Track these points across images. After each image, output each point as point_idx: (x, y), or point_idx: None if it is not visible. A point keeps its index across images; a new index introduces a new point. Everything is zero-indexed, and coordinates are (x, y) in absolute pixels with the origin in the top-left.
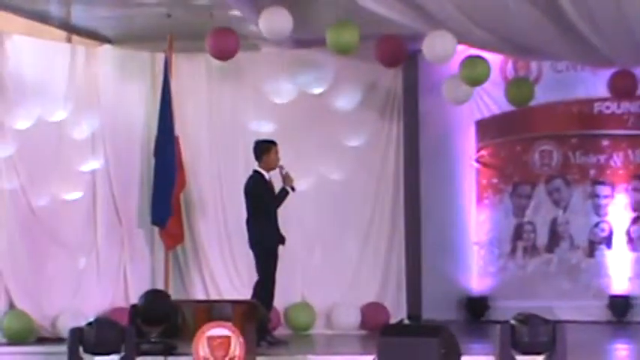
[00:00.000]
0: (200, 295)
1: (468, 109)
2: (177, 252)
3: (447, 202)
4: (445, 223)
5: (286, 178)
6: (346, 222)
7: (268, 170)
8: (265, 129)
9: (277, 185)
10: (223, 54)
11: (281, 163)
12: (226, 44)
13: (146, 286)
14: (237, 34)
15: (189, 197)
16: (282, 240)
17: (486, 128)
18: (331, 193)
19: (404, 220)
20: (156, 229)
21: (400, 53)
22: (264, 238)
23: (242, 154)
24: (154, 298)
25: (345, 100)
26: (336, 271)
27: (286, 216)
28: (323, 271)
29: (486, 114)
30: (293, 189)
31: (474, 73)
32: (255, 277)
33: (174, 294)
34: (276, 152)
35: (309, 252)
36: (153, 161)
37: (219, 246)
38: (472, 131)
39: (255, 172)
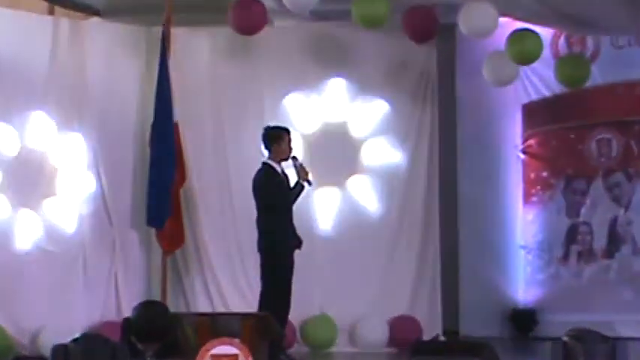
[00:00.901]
0: (203, 307)
1: (514, 92)
2: (176, 257)
3: (489, 199)
4: (487, 223)
5: (301, 171)
6: (372, 223)
7: (280, 162)
8: (279, 115)
9: (291, 179)
10: (249, 27)
11: (294, 154)
12: (253, 16)
13: (141, 297)
14: (264, 5)
15: (191, 194)
16: (297, 243)
17: (534, 113)
18: (354, 190)
19: (439, 220)
20: (152, 230)
21: (431, 26)
22: (276, 240)
23: (252, 144)
24: (150, 310)
25: (371, 82)
26: (360, 280)
27: (302, 216)
28: (345, 280)
29: (535, 97)
30: (309, 183)
31: (523, 50)
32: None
33: (173, 306)
34: (290, 141)
35: (329, 257)
36: (148, 152)
37: (226, 250)
38: (518, 117)
39: (265, 164)
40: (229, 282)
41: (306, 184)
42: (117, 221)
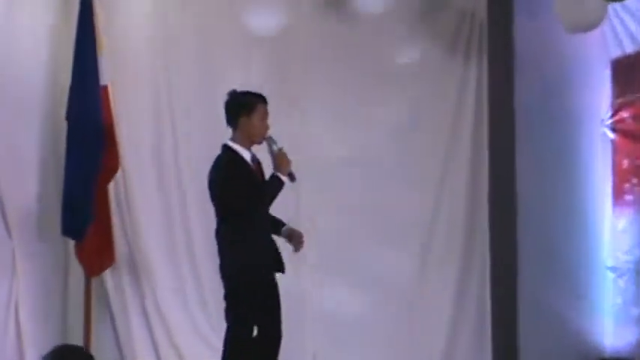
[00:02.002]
0: (144, 353)
1: (598, 43)
2: (105, 281)
3: (561, 198)
4: (558, 233)
5: (279, 159)
6: (390, 232)
7: (249, 145)
8: (255, 71)
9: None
10: None
11: (270, 133)
12: None
13: (53, 340)
14: None
15: (126, 189)
16: (277, 264)
17: (630, 73)
18: (366, 182)
19: (488, 227)
20: (70, 243)
21: None
22: (245, 261)
23: (213, 117)
24: (66, 357)
25: (397, 26)
26: (372, 316)
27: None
28: (350, 317)
29: (629, 50)
30: (292, 177)
31: None
32: None
33: (100, 351)
34: (265, 114)
35: (327, 284)
36: (64, 130)
37: (177, 271)
38: (605, 78)
39: (227, 148)
40: (182, 318)
41: (286, 178)
42: (17, 232)
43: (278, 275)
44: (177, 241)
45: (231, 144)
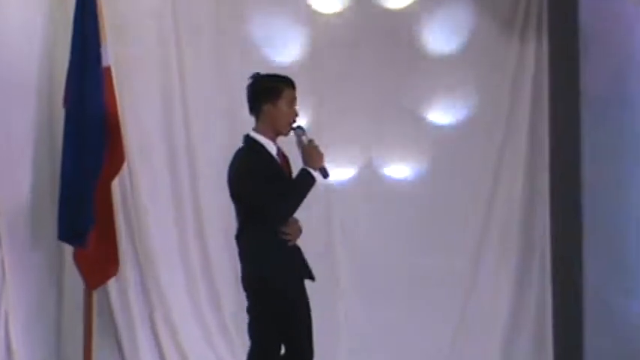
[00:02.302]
0: None
1: None
2: (108, 291)
3: (631, 190)
4: (626, 228)
5: (310, 152)
6: (439, 230)
7: (275, 136)
8: (284, 60)
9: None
10: None
11: (299, 123)
12: None
13: (48, 357)
14: None
15: (132, 188)
16: (306, 272)
17: None
18: (412, 176)
19: (550, 234)
20: (67, 250)
21: None
22: (271, 268)
23: (235, 104)
24: None
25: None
26: (413, 324)
27: (316, 224)
28: (390, 325)
29: None
30: (324, 173)
31: None
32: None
33: None
34: (292, 100)
35: (363, 297)
36: (61, 119)
37: (190, 281)
38: None
39: (250, 140)
40: (196, 335)
41: (318, 173)
42: (8, 237)
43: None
44: (191, 246)
45: (254, 135)
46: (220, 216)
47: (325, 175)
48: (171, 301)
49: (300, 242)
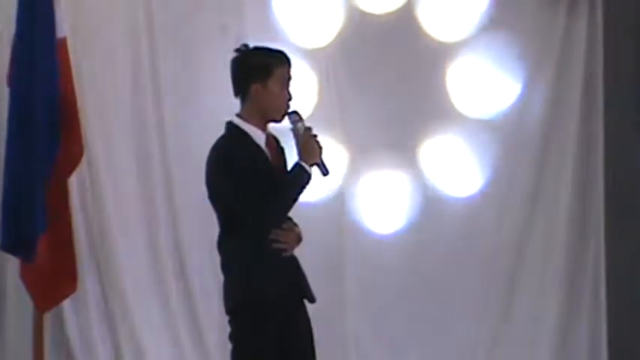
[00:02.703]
0: None
1: None
2: (62, 313)
3: None
4: None
5: (306, 143)
6: (467, 255)
7: (264, 123)
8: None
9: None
10: None
11: (294, 108)
12: None
13: None
14: None
15: (93, 186)
16: (304, 291)
17: None
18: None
19: (603, 227)
20: (11, 262)
21: None
22: (252, 285)
23: (217, 83)
24: None
25: None
26: (444, 344)
27: (320, 230)
28: (415, 347)
29: None
30: (324, 169)
31: None
32: None
33: None
34: (285, 80)
35: (375, 317)
36: (4, 101)
37: (163, 299)
38: None
39: (232, 127)
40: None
41: (316, 168)
42: None
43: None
44: (164, 257)
45: (238, 121)
46: (200, 217)
47: (325, 171)
48: (141, 325)
49: (299, 253)
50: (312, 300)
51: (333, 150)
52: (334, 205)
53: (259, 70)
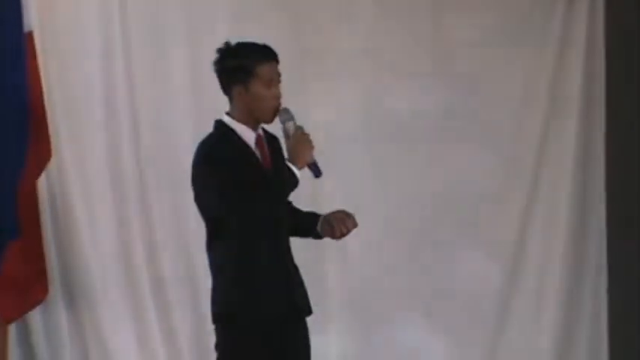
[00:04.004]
0: None
1: None
2: (28, 323)
3: None
4: None
5: (297, 144)
6: (468, 232)
7: (254, 123)
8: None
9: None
10: None
11: (284, 105)
12: None
13: None
14: None
15: (62, 189)
16: (293, 305)
17: None
18: (434, 165)
19: (606, 228)
20: None
21: None
22: (239, 294)
23: (199, 77)
24: None
25: None
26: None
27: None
28: None
29: None
30: (316, 170)
31: None
32: None
33: None
34: (270, 78)
35: (360, 326)
36: None
37: (138, 309)
38: None
39: (220, 125)
40: None
41: (312, 170)
42: None
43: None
44: (137, 264)
45: (227, 120)
46: (175, 224)
47: (317, 173)
48: (113, 335)
49: None
50: (308, 312)
51: None
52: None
53: (239, 72)
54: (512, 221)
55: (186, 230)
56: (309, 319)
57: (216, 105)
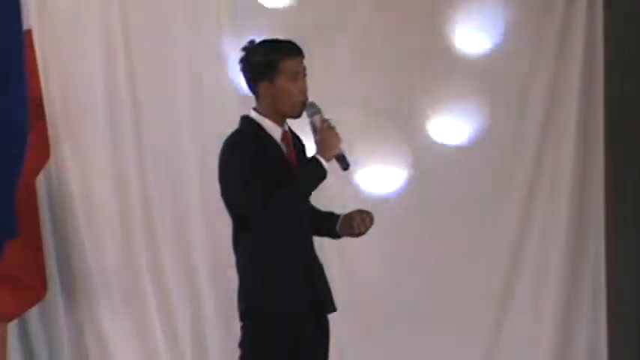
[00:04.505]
0: None
1: None
2: (28, 324)
3: None
4: None
5: (324, 136)
6: (465, 236)
7: (281, 118)
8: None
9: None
10: None
11: (312, 99)
12: None
13: None
14: None
15: (60, 187)
16: (317, 301)
17: None
18: (427, 183)
19: (604, 232)
20: None
21: None
22: (266, 291)
23: (202, 71)
24: None
25: None
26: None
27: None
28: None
29: None
30: (344, 163)
31: None
32: None
33: None
34: (296, 73)
35: (364, 328)
36: None
37: (140, 309)
38: None
39: (247, 121)
40: None
41: (340, 162)
42: None
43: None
44: (138, 261)
45: (254, 115)
46: (177, 222)
47: (345, 165)
48: (111, 336)
49: None
50: (332, 309)
51: None
52: None
53: (264, 68)
54: (510, 221)
55: (188, 229)
56: None
57: (216, 104)
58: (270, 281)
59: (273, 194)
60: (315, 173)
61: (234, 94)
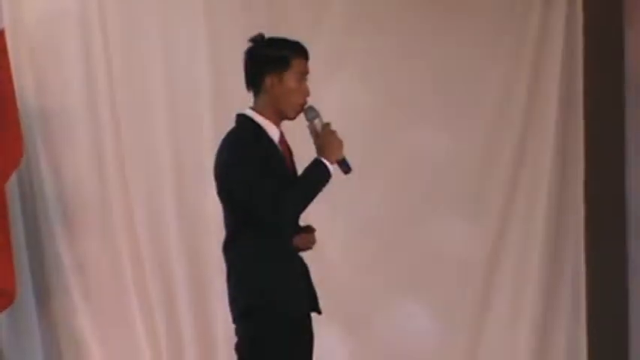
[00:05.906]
0: None
1: None
2: None
3: None
4: None
5: (326, 139)
6: (440, 239)
7: (279, 119)
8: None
9: (305, 157)
10: None
11: (310, 103)
12: None
13: None
14: None
15: (35, 190)
16: (313, 302)
17: None
18: (402, 184)
19: (584, 236)
20: None
21: None
22: (266, 292)
23: (175, 82)
24: None
25: None
26: (425, 350)
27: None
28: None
29: None
30: (346, 166)
31: None
32: None
33: None
34: (302, 73)
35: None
36: None
37: (128, 320)
38: None
39: (245, 120)
40: None
41: (336, 167)
42: None
43: None
44: (122, 264)
45: (252, 114)
46: (156, 225)
47: (347, 168)
48: (86, 338)
49: None
50: (320, 312)
51: None
52: None
53: (275, 62)
54: (490, 220)
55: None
56: None
57: (191, 108)
58: (276, 280)
59: (283, 195)
60: (322, 176)
61: (209, 97)
